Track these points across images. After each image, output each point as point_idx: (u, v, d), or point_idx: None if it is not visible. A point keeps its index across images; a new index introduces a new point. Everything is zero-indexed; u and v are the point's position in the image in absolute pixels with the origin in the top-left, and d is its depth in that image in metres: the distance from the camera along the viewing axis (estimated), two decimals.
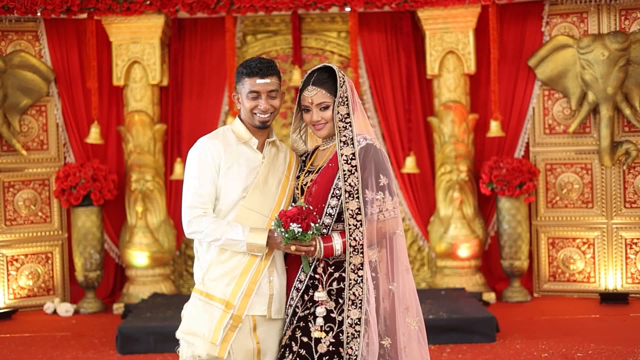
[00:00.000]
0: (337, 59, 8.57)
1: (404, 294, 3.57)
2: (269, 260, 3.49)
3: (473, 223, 8.11)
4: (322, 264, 3.48)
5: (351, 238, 3.41)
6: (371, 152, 3.51)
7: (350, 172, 3.45)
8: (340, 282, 3.45)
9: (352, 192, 3.43)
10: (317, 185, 3.54)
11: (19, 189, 8.12)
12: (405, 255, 3.59)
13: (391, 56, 8.38)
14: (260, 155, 3.60)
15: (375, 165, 3.49)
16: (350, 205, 3.43)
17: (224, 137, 3.58)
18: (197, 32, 8.42)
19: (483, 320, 6.57)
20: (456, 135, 8.05)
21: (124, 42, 8.01)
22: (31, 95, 8.00)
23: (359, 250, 3.42)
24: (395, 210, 3.52)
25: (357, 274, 3.41)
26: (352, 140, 3.49)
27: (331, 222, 3.49)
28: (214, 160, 3.50)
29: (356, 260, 3.42)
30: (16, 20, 7.95)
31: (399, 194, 8.42)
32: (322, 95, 3.57)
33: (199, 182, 3.49)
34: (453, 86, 8.07)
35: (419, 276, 8.60)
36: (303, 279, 3.51)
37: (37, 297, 8.14)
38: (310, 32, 8.55)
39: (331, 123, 3.57)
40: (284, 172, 3.63)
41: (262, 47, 8.58)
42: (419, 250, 8.61)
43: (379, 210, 3.46)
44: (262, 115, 3.57)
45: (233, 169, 3.51)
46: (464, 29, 7.99)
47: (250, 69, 3.54)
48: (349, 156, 3.47)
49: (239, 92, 3.59)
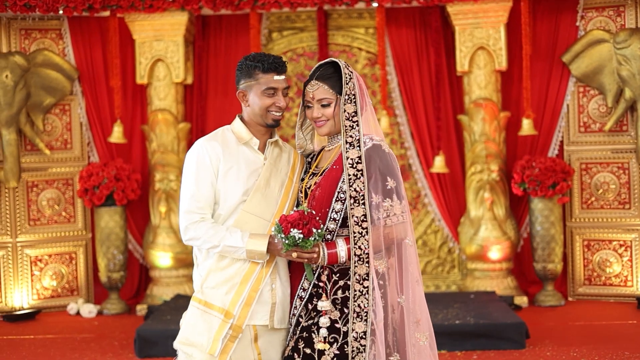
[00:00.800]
0: (364, 55, 8.37)
1: (414, 306, 3.36)
2: (270, 267, 3.32)
3: (504, 224, 7.86)
4: (327, 272, 3.29)
5: (356, 247, 3.22)
6: (378, 153, 3.31)
7: (355, 176, 3.26)
8: (345, 291, 3.26)
9: (357, 198, 3.24)
10: (321, 188, 3.35)
11: (42, 189, 8.06)
12: (415, 266, 3.37)
13: (420, 52, 8.16)
14: (262, 156, 3.42)
15: (382, 167, 3.29)
16: (355, 211, 3.23)
17: (222, 138, 3.41)
18: (222, 29, 8.28)
19: (512, 325, 6.32)
20: (487, 133, 7.80)
21: (147, 40, 7.90)
22: (54, 94, 7.93)
23: (364, 260, 3.22)
24: (404, 214, 3.32)
25: (363, 284, 3.22)
26: (358, 141, 3.30)
27: (336, 228, 3.30)
28: (212, 162, 3.33)
29: (361, 270, 3.22)
30: (39, 18, 7.89)
31: (429, 194, 8.21)
32: (323, 91, 3.39)
33: (196, 186, 3.32)
34: (484, 83, 7.82)
35: (449, 279, 8.38)
36: (306, 287, 3.33)
37: (61, 297, 8.07)
38: (337, 28, 8.36)
39: (332, 121, 3.38)
40: (287, 174, 3.44)
41: (288, 44, 8.41)
42: (449, 252, 8.38)
43: (386, 215, 3.26)
44: (277, 113, 3.40)
45: (232, 171, 3.33)
46: (495, 24, 7.73)
47: (267, 64, 3.37)
48: (354, 159, 3.27)
49: (249, 88, 3.38)
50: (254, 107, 3.39)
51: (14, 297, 7.87)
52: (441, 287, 8.34)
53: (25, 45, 7.94)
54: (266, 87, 3.37)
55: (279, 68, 3.39)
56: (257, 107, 3.38)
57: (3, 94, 7.61)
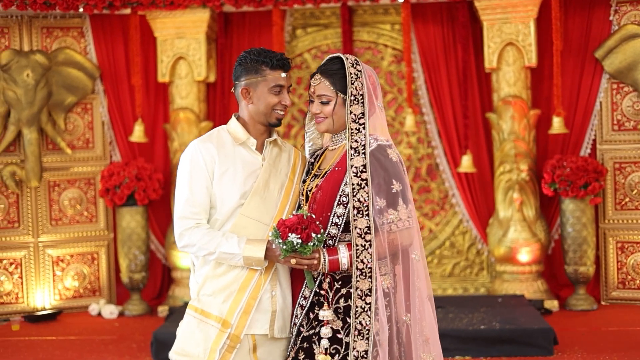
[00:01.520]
0: (390, 52, 8.18)
1: (422, 325, 3.16)
2: (270, 273, 3.15)
3: (534, 226, 7.61)
4: (328, 279, 3.13)
5: (358, 260, 3.03)
6: (383, 154, 3.13)
7: (359, 186, 3.07)
8: (347, 300, 3.09)
9: (361, 209, 3.05)
10: (322, 191, 3.18)
11: (64, 188, 8.00)
12: (424, 280, 3.17)
13: (447, 49, 7.94)
14: (260, 157, 3.26)
15: (386, 169, 3.11)
16: (358, 223, 3.05)
17: (218, 139, 3.25)
18: (245, 26, 8.14)
19: (539, 331, 6.09)
20: (516, 132, 7.56)
21: (169, 38, 7.79)
22: (76, 93, 7.86)
23: (366, 275, 3.03)
24: (410, 220, 3.13)
25: (365, 300, 3.03)
26: (364, 147, 3.11)
27: (338, 233, 3.13)
28: (206, 165, 3.17)
29: (363, 285, 3.03)
30: (61, 16, 7.83)
31: (456, 195, 7.99)
32: (324, 87, 3.22)
33: (190, 190, 3.16)
34: (513, 80, 7.58)
35: (478, 281, 8.15)
36: (307, 295, 3.16)
37: (83, 298, 8.00)
38: (363, 24, 8.17)
39: (331, 119, 3.22)
40: (287, 175, 3.28)
41: (312, 40, 8.25)
42: (477, 254, 8.15)
43: (390, 219, 3.08)
44: (281, 112, 3.26)
45: (229, 174, 3.18)
46: (524, 18, 7.48)
47: (275, 60, 3.22)
48: (359, 168, 3.09)
49: (254, 85, 3.22)
50: (259, 105, 3.23)
51: (36, 297, 7.82)
52: (469, 289, 8.12)
53: (46, 44, 7.87)
54: (274, 85, 3.23)
55: (286, 66, 3.26)
56: (263, 105, 3.23)
57: (24, 92, 7.55)
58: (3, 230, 7.80)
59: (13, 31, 7.78)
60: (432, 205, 8.19)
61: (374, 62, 8.16)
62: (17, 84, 7.55)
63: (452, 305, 6.90)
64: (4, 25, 7.75)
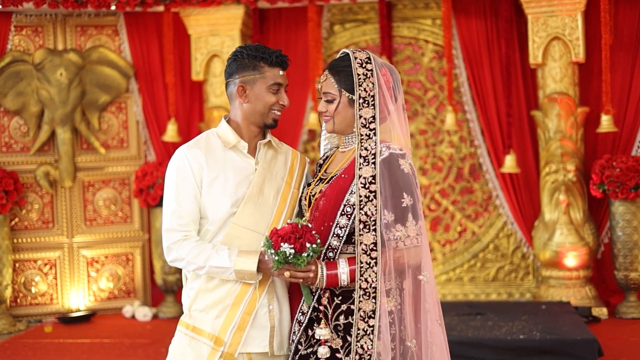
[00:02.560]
0: (431, 48, 7.89)
1: (432, 349, 2.90)
2: (266, 286, 2.93)
3: (582, 229, 7.24)
4: (327, 294, 2.89)
5: (362, 279, 2.79)
6: (394, 164, 2.87)
7: (367, 198, 2.82)
8: (348, 316, 2.85)
9: (367, 223, 2.80)
10: (326, 198, 2.93)
11: (98, 189, 7.91)
12: (434, 303, 2.92)
13: (491, 44, 7.60)
14: (253, 161, 3.03)
15: (397, 180, 2.85)
16: (364, 238, 2.80)
17: (206, 144, 3.03)
18: (282, 22, 7.93)
19: (582, 342, 5.72)
20: (562, 130, 7.20)
21: (203, 35, 7.63)
22: (110, 92, 7.76)
23: (370, 295, 2.79)
24: (419, 237, 2.87)
25: (368, 323, 2.78)
26: (374, 156, 2.85)
27: (339, 245, 2.89)
28: (194, 172, 2.96)
29: (367, 306, 2.79)
30: (95, 14, 7.73)
31: (500, 196, 7.67)
32: (329, 84, 3.00)
33: (176, 201, 2.96)
34: (559, 76, 7.21)
35: (523, 286, 7.82)
36: (305, 311, 2.93)
37: (118, 299, 7.90)
38: (402, 19, 7.90)
39: (337, 119, 2.97)
40: (284, 179, 3.04)
41: (351, 37, 8.00)
42: (522, 258, 7.82)
43: (398, 237, 2.83)
44: (278, 112, 3.06)
45: (219, 181, 2.96)
46: (571, 11, 7.10)
47: (274, 57, 3.03)
48: (367, 179, 2.84)
49: (251, 82, 3.01)
50: (256, 103, 3.02)
51: (70, 298, 7.75)
52: (514, 295, 7.80)
53: (80, 42, 7.79)
54: (273, 83, 3.02)
55: (284, 63, 3.06)
56: (261, 104, 3.01)
57: (57, 92, 7.48)
58: (38, 231, 7.75)
59: (47, 30, 7.71)
60: (475, 206, 7.89)
61: (414, 59, 7.89)
62: (50, 83, 7.48)
63: (493, 312, 6.59)
64: (38, 24, 7.68)
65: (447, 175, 7.93)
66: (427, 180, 7.94)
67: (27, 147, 7.69)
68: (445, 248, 7.93)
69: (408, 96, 7.90)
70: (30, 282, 7.71)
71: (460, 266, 7.91)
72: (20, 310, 7.66)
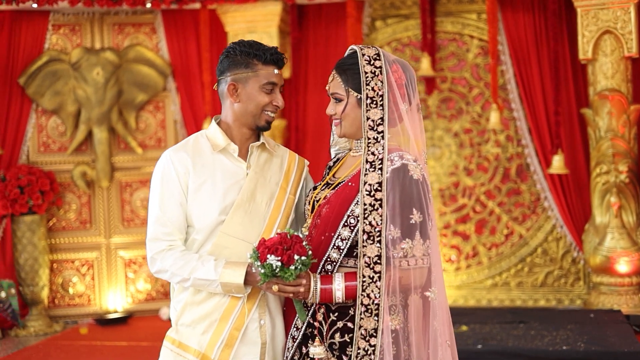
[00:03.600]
0: (476, 44, 7.58)
1: None
2: (257, 299, 2.72)
3: (634, 233, 6.86)
4: (323, 309, 2.66)
5: (364, 294, 2.55)
6: (406, 176, 2.62)
7: (372, 207, 2.58)
8: (344, 334, 2.62)
9: (372, 234, 2.57)
10: (329, 206, 2.71)
11: (136, 189, 7.82)
12: (443, 323, 2.66)
13: (539, 39, 7.26)
14: (244, 165, 2.82)
15: (407, 194, 2.60)
16: (368, 250, 2.56)
17: (194, 147, 2.83)
18: (321, 18, 7.72)
19: (631, 355, 5.37)
20: (614, 129, 6.81)
21: (240, 32, 7.45)
22: (147, 91, 7.66)
23: (372, 312, 2.55)
24: (425, 259, 2.62)
25: (369, 342, 2.55)
26: (381, 162, 2.61)
27: (339, 258, 2.65)
28: (179, 177, 2.76)
29: (368, 324, 2.55)
30: (133, 12, 7.64)
31: (549, 197, 7.33)
32: (336, 84, 2.78)
33: (160, 208, 2.76)
34: (610, 72, 6.83)
35: (574, 292, 7.45)
36: (300, 326, 2.71)
37: (155, 301, 7.80)
38: (446, 14, 7.61)
39: (346, 121, 2.75)
40: (278, 183, 2.83)
41: (393, 32, 7.74)
42: (573, 263, 7.46)
43: (403, 254, 2.58)
44: (272, 113, 2.84)
45: (206, 186, 2.76)
46: (623, 4, 6.69)
47: (268, 54, 2.82)
48: (373, 186, 2.60)
49: (243, 81, 2.81)
50: (248, 104, 2.81)
51: (108, 299, 7.68)
52: (564, 301, 7.45)
53: (118, 41, 7.71)
54: (266, 82, 2.80)
55: (280, 62, 2.84)
56: (253, 104, 2.80)
57: (94, 91, 7.41)
58: (75, 231, 7.70)
59: (85, 29, 7.65)
60: (522, 208, 7.56)
61: (458, 55, 7.60)
62: (87, 82, 7.41)
63: (537, 321, 6.28)
64: (75, 23, 7.63)
65: (493, 175, 7.62)
66: (472, 181, 7.64)
67: (65, 146, 7.65)
68: (491, 252, 7.62)
69: (452, 94, 7.62)
70: (67, 282, 7.67)
71: (506, 270, 7.59)
72: (58, 311, 7.62)
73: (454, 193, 7.68)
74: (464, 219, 7.65)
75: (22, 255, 7.20)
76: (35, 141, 7.62)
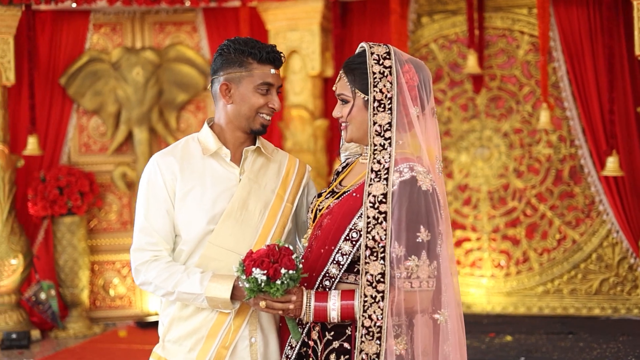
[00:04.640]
0: (527, 40, 7.26)
1: None
2: (247, 315, 2.52)
3: None
4: (318, 327, 2.45)
5: (365, 315, 2.33)
6: (413, 188, 2.39)
7: (376, 220, 2.36)
8: (340, 356, 2.41)
9: (375, 250, 2.35)
10: (331, 217, 2.49)
11: None
12: (456, 346, 2.42)
13: (594, 35, 6.89)
14: (237, 170, 2.62)
15: (414, 209, 2.37)
16: (370, 268, 2.34)
17: (183, 151, 2.66)
18: (366, 15, 7.48)
19: None
20: None
21: (281, 30, 7.29)
22: (188, 91, 7.54)
23: (374, 335, 2.32)
24: (430, 281, 2.38)
25: None
26: (387, 171, 2.39)
27: (338, 273, 2.44)
28: (166, 183, 2.58)
29: (370, 348, 2.33)
30: (174, 11, 7.53)
31: (604, 201, 6.97)
32: (343, 84, 2.57)
33: (146, 216, 2.58)
34: None
35: (631, 301, 7.07)
36: (294, 345, 2.50)
37: None
38: (495, 9, 7.30)
39: (353, 125, 2.53)
40: (274, 191, 2.63)
41: (439, 29, 7.47)
42: (630, 270, 7.07)
43: (407, 274, 2.35)
44: (267, 116, 2.64)
45: (195, 193, 2.57)
46: None
47: (265, 53, 2.62)
48: (377, 197, 2.38)
49: (237, 81, 2.62)
50: (241, 105, 2.62)
51: (149, 302, 7.58)
52: (620, 310, 7.07)
53: (159, 40, 7.61)
54: (261, 82, 2.61)
55: (277, 61, 2.64)
56: (247, 106, 2.61)
57: (134, 91, 7.33)
58: (116, 233, 7.64)
59: (125, 28, 7.58)
60: (575, 212, 7.20)
61: (508, 52, 7.29)
62: (127, 82, 7.34)
63: (587, 332, 5.98)
64: (116, 22, 7.56)
65: (545, 177, 7.28)
66: (523, 183, 7.32)
67: (106, 147, 7.59)
68: (542, 257, 7.28)
69: (502, 92, 7.32)
70: (108, 284, 7.60)
71: (559, 277, 7.24)
72: (99, 312, 7.56)
73: (504, 196, 7.37)
74: (514, 222, 7.34)
75: (62, 257, 7.16)
76: (77, 142, 7.58)
